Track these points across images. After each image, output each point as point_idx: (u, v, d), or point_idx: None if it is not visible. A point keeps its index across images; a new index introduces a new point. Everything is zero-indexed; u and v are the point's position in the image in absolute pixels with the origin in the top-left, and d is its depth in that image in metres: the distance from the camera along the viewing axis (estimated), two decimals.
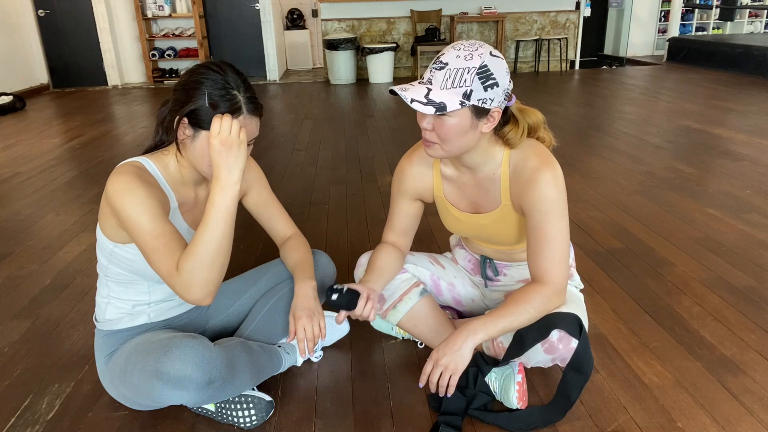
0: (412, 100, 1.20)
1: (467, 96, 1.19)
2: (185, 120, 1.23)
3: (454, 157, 1.33)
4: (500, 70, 1.21)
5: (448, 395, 1.29)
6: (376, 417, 1.41)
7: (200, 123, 1.22)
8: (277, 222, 1.60)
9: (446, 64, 1.21)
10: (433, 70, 1.23)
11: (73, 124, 5.45)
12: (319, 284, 1.64)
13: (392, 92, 1.22)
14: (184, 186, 1.35)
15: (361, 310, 1.37)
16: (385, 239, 1.58)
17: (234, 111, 1.22)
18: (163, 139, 1.34)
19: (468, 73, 1.19)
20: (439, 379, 1.29)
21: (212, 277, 1.21)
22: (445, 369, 1.28)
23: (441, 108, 1.19)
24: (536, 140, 1.39)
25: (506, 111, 1.33)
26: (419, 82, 1.25)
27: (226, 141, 1.19)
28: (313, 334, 1.40)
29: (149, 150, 1.34)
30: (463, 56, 1.20)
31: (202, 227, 1.20)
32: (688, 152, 3.82)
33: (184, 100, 1.22)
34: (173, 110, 1.25)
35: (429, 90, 1.21)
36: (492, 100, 1.22)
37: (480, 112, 1.23)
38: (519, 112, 1.34)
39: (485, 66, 1.19)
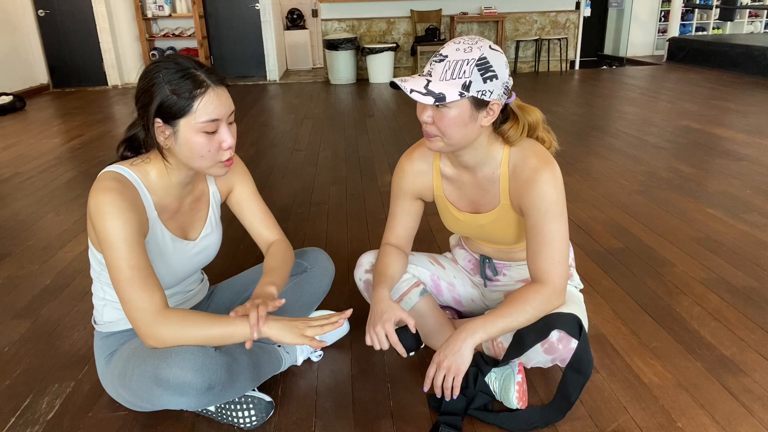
0: (412, 90, 1.20)
1: (466, 87, 1.20)
2: (158, 121, 1.19)
3: (455, 151, 1.33)
4: (499, 63, 1.22)
5: (454, 397, 1.30)
6: (376, 417, 1.41)
7: (172, 114, 1.18)
8: (262, 226, 1.53)
9: (446, 56, 1.22)
10: (433, 62, 1.24)
11: (73, 124, 5.45)
12: (317, 283, 1.64)
13: (392, 84, 1.23)
14: (166, 193, 1.31)
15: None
16: (387, 240, 1.58)
17: (198, 86, 1.17)
18: (125, 155, 1.30)
19: (467, 64, 1.20)
20: (443, 382, 1.29)
21: (179, 344, 1.21)
22: (448, 371, 1.28)
23: (440, 98, 1.19)
24: (536, 140, 1.39)
25: (506, 108, 1.33)
26: (419, 75, 1.26)
27: (301, 338, 1.22)
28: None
29: (119, 159, 1.31)
30: (463, 49, 1.21)
31: (209, 323, 1.22)
32: (688, 152, 3.82)
33: (147, 102, 1.18)
34: (144, 119, 1.20)
35: (428, 81, 1.22)
36: (491, 92, 1.22)
37: (479, 104, 1.23)
38: (519, 109, 1.35)
39: (484, 58, 1.20)
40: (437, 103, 1.20)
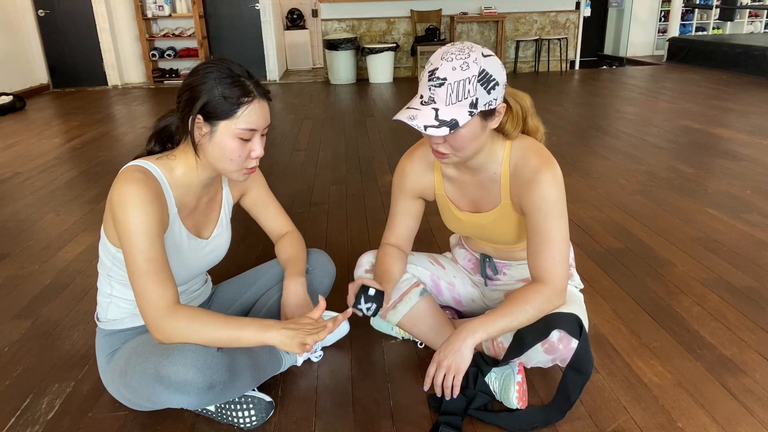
0: (426, 127, 1.18)
1: (474, 105, 1.19)
2: (199, 117, 1.22)
3: (468, 161, 1.34)
4: (496, 68, 1.21)
5: (454, 396, 1.30)
6: (376, 417, 1.41)
7: (215, 115, 1.21)
8: (274, 221, 1.62)
9: (444, 79, 1.18)
10: (433, 88, 1.20)
11: (73, 124, 5.45)
12: (318, 284, 1.64)
13: (400, 120, 1.22)
14: (187, 190, 1.34)
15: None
16: (387, 240, 1.58)
17: (246, 95, 1.22)
18: (153, 149, 1.33)
19: (470, 83, 1.18)
20: (443, 381, 1.29)
21: (186, 341, 1.22)
22: (448, 370, 1.28)
23: (454, 125, 1.18)
24: (535, 139, 1.39)
25: None
26: (422, 103, 1.22)
27: (301, 347, 1.22)
28: None
29: (143, 155, 1.34)
30: (459, 66, 1.18)
31: (218, 325, 1.22)
32: (688, 152, 3.81)
33: (193, 98, 1.21)
34: (184, 113, 1.23)
35: (436, 111, 1.19)
36: (496, 100, 1.23)
37: (487, 115, 1.24)
38: (511, 95, 1.34)
39: (483, 71, 1.19)
40: (452, 131, 1.19)
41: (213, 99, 1.20)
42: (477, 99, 1.19)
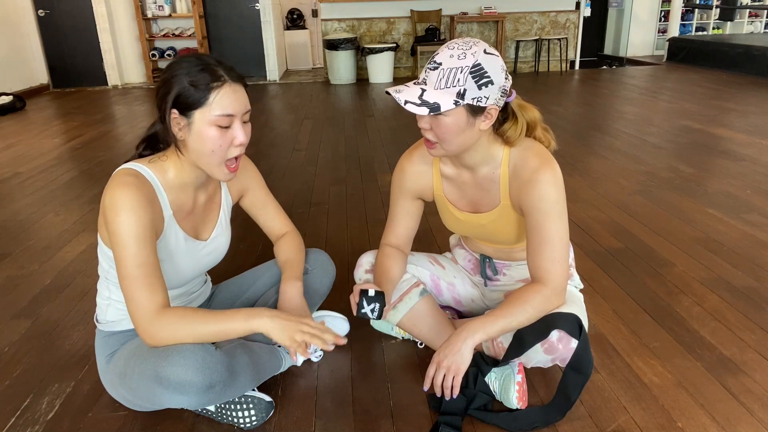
0: (406, 102, 1.20)
1: (461, 95, 1.20)
2: (175, 111, 1.20)
3: (455, 155, 1.33)
4: (495, 67, 1.21)
5: (454, 397, 1.30)
6: (376, 417, 1.41)
7: (188, 105, 1.19)
8: (273, 221, 1.61)
9: (440, 64, 1.21)
10: (428, 70, 1.23)
11: (73, 124, 5.45)
12: (318, 284, 1.64)
13: (388, 93, 1.23)
14: (182, 192, 1.33)
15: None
16: (387, 241, 1.58)
17: (215, 79, 1.19)
18: (143, 153, 1.32)
19: (461, 72, 1.19)
20: (443, 382, 1.29)
21: (178, 342, 1.21)
22: (448, 370, 1.28)
23: (435, 108, 1.19)
24: (535, 140, 1.39)
25: (506, 107, 1.33)
26: (414, 83, 1.25)
27: (290, 341, 1.23)
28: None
29: (135, 157, 1.33)
30: (457, 55, 1.20)
31: (206, 320, 1.22)
32: (688, 152, 3.81)
33: (166, 92, 1.20)
34: (161, 110, 1.22)
35: (423, 91, 1.22)
36: (487, 98, 1.22)
37: (476, 111, 1.23)
38: (519, 108, 1.34)
39: (479, 64, 1.20)
40: (432, 113, 1.20)
41: (183, 89, 1.18)
42: (465, 90, 1.19)
